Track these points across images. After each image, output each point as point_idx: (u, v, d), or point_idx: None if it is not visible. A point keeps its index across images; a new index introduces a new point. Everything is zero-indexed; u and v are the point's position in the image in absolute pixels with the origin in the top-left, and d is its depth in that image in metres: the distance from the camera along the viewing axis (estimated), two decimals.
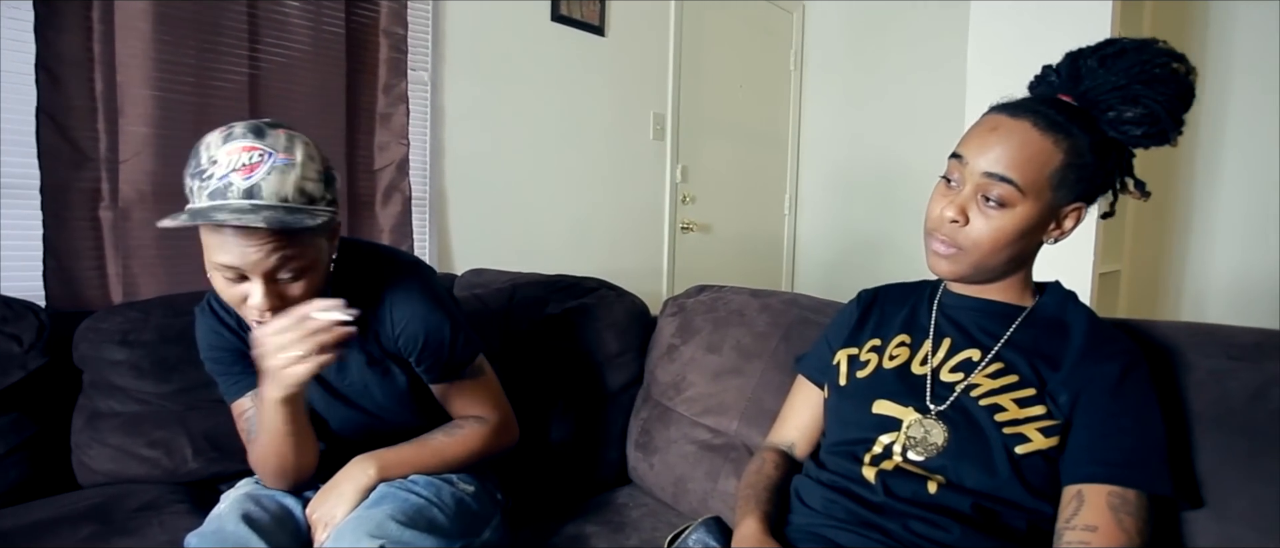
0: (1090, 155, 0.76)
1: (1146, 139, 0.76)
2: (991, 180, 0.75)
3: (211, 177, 0.79)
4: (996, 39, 1.97)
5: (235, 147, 0.80)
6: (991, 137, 0.76)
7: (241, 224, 0.76)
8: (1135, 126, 0.75)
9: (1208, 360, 0.82)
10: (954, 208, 0.78)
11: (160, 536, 1.05)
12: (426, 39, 2.02)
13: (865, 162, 3.15)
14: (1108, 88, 0.75)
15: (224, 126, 0.82)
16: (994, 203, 0.76)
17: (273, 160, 0.81)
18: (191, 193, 0.81)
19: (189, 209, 0.80)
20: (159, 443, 1.26)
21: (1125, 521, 0.68)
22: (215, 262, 0.82)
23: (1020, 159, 0.74)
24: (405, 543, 0.84)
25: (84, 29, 1.43)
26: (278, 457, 0.92)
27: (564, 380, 1.39)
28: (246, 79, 1.63)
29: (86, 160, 1.44)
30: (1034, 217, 0.76)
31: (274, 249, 0.81)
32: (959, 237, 0.78)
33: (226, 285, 0.84)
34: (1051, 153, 0.75)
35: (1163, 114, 0.74)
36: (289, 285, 0.85)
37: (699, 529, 0.87)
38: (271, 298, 0.83)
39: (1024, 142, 0.75)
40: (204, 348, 1.02)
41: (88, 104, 1.43)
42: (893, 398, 0.83)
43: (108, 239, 1.46)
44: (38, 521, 1.08)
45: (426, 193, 2.05)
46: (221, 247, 0.80)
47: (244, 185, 0.78)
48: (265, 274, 0.82)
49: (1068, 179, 0.76)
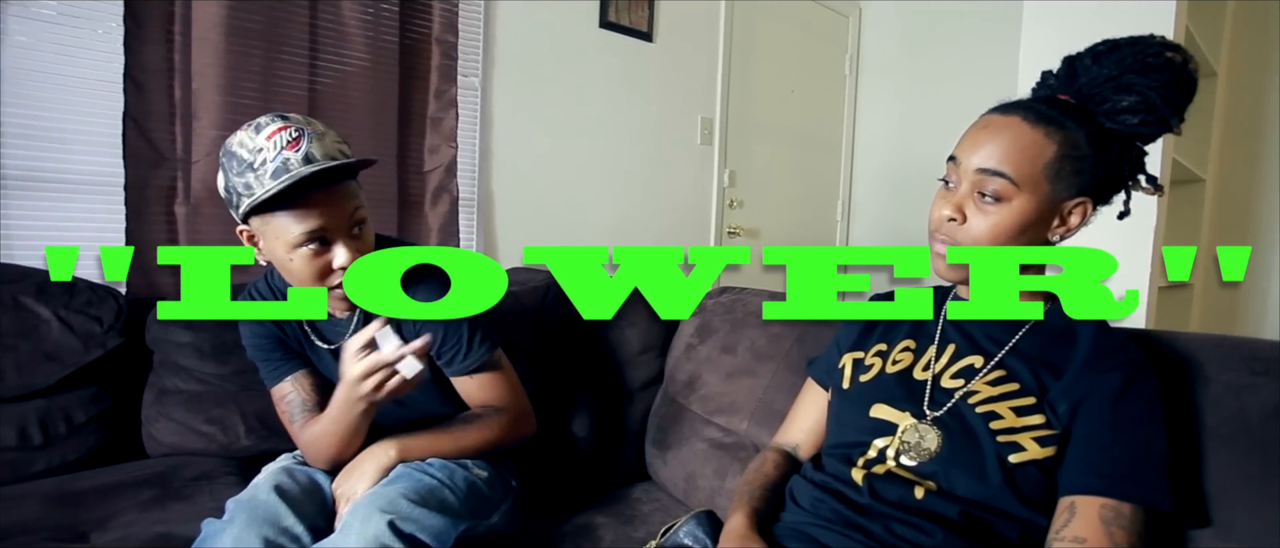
0: (1088, 147, 0.74)
1: (1145, 127, 0.75)
2: (985, 176, 0.75)
3: (265, 162, 0.87)
4: (1048, 41, 1.89)
5: (269, 132, 0.89)
6: (983, 134, 0.77)
7: (337, 165, 0.88)
8: (1132, 115, 0.74)
9: (1227, 374, 0.78)
10: (950, 206, 0.78)
11: (209, 502, 1.15)
12: (477, 46, 2.11)
13: (920, 167, 3.06)
14: (1100, 80, 0.75)
15: (242, 128, 0.91)
16: (990, 198, 0.75)
17: (309, 131, 0.90)
18: (248, 188, 0.89)
19: (273, 186, 0.87)
20: (216, 420, 1.37)
21: (1116, 534, 0.66)
22: (299, 233, 0.90)
23: (1012, 153, 0.74)
24: (415, 519, 0.90)
25: (166, 41, 1.58)
26: (339, 446, 1.00)
27: (588, 377, 1.43)
28: (307, 85, 1.75)
29: (164, 161, 1.59)
30: (1032, 211, 0.75)
31: (348, 200, 0.94)
32: (958, 235, 0.78)
33: (308, 261, 0.93)
34: (1044, 145, 0.74)
35: (1159, 101, 0.73)
36: (360, 241, 0.96)
37: (690, 522, 0.89)
38: (353, 252, 0.94)
39: (1015, 136, 0.75)
40: (246, 336, 1.11)
41: (166, 109, 1.58)
42: (891, 402, 0.83)
43: (180, 232, 1.60)
44: (108, 483, 1.20)
45: (474, 194, 2.14)
46: (305, 216, 0.90)
47: (299, 156, 0.88)
48: (346, 229, 0.93)
49: (1064, 171, 0.74)
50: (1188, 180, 2.29)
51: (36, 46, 1.47)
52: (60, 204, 1.52)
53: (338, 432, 0.98)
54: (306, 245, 0.91)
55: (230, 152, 0.91)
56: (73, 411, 1.31)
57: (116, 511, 1.11)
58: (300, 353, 1.11)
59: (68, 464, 1.29)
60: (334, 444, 1.00)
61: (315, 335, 1.10)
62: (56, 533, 1.03)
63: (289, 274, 0.97)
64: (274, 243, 0.93)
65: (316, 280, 0.95)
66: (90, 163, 1.54)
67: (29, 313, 1.30)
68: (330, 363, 1.10)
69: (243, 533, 0.88)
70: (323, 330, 1.10)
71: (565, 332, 1.46)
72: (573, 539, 1.10)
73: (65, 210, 1.53)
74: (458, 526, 0.94)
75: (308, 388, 1.09)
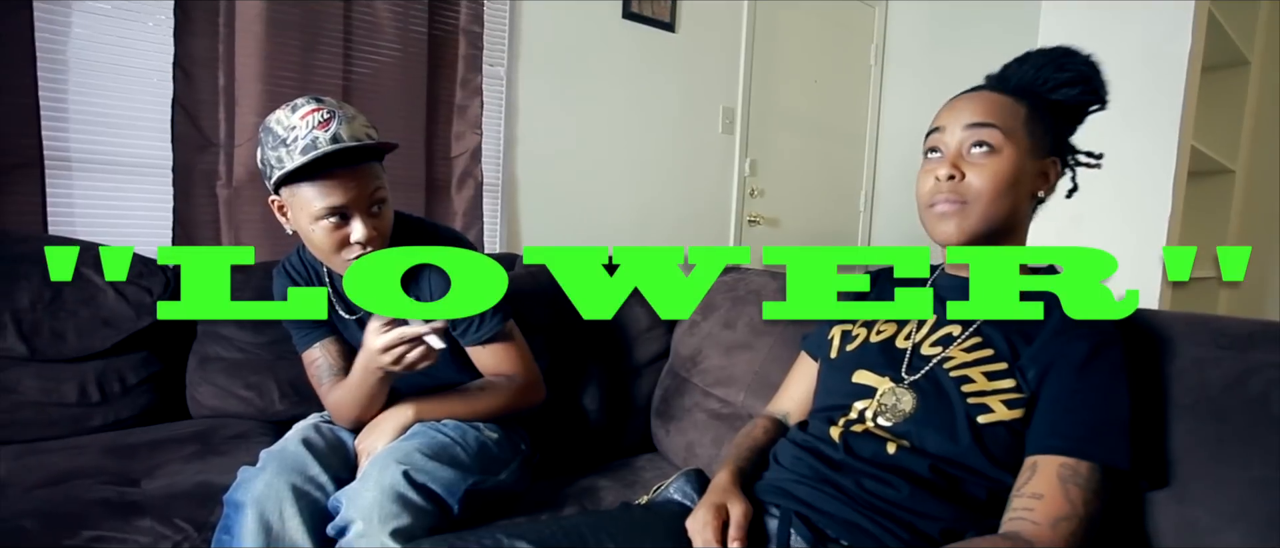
0: (1045, 113, 0.83)
1: (1084, 96, 0.84)
2: (976, 129, 0.81)
3: (297, 139, 0.96)
4: (1066, 33, 1.89)
5: (304, 112, 0.97)
6: (961, 101, 0.84)
7: (359, 144, 0.96)
8: (1071, 87, 0.83)
9: (1195, 349, 0.81)
10: (946, 166, 0.82)
11: (245, 458, 1.23)
12: (502, 36, 2.19)
13: None
14: (1032, 72, 0.85)
15: (283, 106, 1.00)
16: (985, 148, 0.80)
17: (340, 113, 0.99)
18: (279, 161, 0.98)
19: (300, 159, 0.95)
20: (253, 386, 1.48)
21: (1072, 491, 0.70)
22: (321, 208, 0.99)
23: (994, 110, 0.82)
24: (427, 471, 0.98)
25: (211, 33, 1.69)
26: (359, 409, 1.09)
27: (599, 353, 1.50)
28: (341, 75, 1.85)
29: (209, 145, 1.70)
30: (1020, 162, 0.80)
31: (370, 179, 1.01)
32: (961, 190, 0.81)
33: (328, 233, 1.01)
34: (1015, 106, 0.82)
35: (1091, 73, 0.83)
36: (378, 219, 1.04)
37: (680, 479, 0.95)
38: (370, 229, 1.01)
39: (992, 100, 0.83)
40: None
41: (211, 97, 1.69)
42: (872, 368, 0.88)
43: (222, 212, 1.72)
44: (156, 439, 1.32)
45: (499, 179, 2.23)
46: (328, 191, 0.98)
47: (328, 136, 0.96)
48: (365, 206, 1.01)
49: (1036, 130, 0.82)
50: (1216, 172, 2.25)
51: (96, 38, 1.59)
52: (116, 184, 1.65)
53: (358, 396, 1.07)
54: (327, 219, 1.00)
55: (267, 127, 1.00)
56: (125, 373, 1.43)
57: (164, 462, 1.22)
58: (328, 321, 1.20)
59: (121, 421, 1.41)
60: (355, 407, 1.09)
61: (340, 305, 1.19)
62: (113, 479, 1.14)
63: (310, 244, 1.05)
64: (299, 214, 1.02)
65: (335, 252, 1.04)
66: (142, 147, 1.66)
67: (89, 283, 1.42)
68: (355, 331, 1.19)
69: (273, 480, 0.97)
70: (348, 300, 1.19)
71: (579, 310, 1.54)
72: (576, 499, 1.17)
73: (120, 190, 1.65)
74: (466, 479, 1.01)
75: (335, 354, 1.18)
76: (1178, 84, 1.68)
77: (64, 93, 1.56)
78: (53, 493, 1.06)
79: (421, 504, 0.95)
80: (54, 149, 1.55)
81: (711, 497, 0.83)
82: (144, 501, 1.06)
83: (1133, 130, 1.74)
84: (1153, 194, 1.70)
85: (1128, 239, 1.72)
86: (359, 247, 1.02)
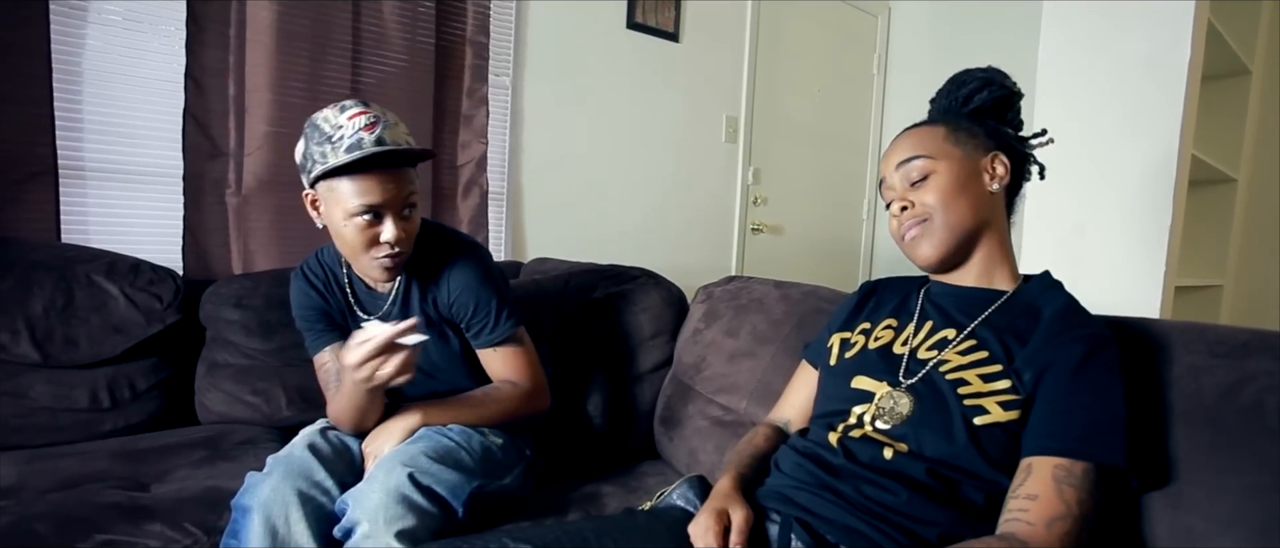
0: (967, 120, 0.93)
1: (996, 93, 0.94)
2: (907, 165, 0.91)
3: (342, 137, 1.00)
4: (1066, 42, 1.90)
5: (352, 113, 1.02)
6: (891, 150, 0.95)
7: (401, 149, 1.00)
8: (979, 93, 0.94)
9: (1190, 357, 0.82)
10: (898, 201, 0.92)
11: (253, 463, 1.26)
12: (508, 46, 2.21)
13: None
14: (943, 100, 0.98)
15: (330, 106, 1.04)
16: (919, 177, 0.89)
17: (384, 119, 1.03)
18: (323, 157, 1.01)
19: (345, 158, 0.98)
20: (260, 392, 1.50)
21: (1067, 492, 0.70)
22: (356, 205, 1.02)
23: (916, 142, 0.92)
24: (432, 474, 0.99)
25: (222, 43, 1.71)
26: (356, 419, 1.11)
27: (603, 359, 1.51)
28: (350, 84, 1.87)
29: (219, 154, 1.72)
30: (957, 169, 0.88)
31: (405, 183, 1.05)
32: (917, 212, 0.89)
33: (360, 230, 1.04)
34: (933, 130, 0.92)
35: (991, 75, 0.95)
36: (408, 222, 1.08)
37: (683, 485, 0.96)
38: (400, 230, 1.05)
39: (911, 137, 0.93)
40: (296, 306, 1.23)
41: (222, 106, 1.72)
42: (871, 374, 0.89)
43: (231, 220, 1.74)
44: (165, 444, 1.34)
45: (504, 188, 2.25)
46: (366, 190, 1.01)
47: (373, 138, 1.00)
48: (398, 208, 1.04)
49: (962, 138, 0.90)
50: (1218, 180, 2.26)
51: (110, 49, 1.62)
52: (128, 193, 1.67)
53: (348, 408, 1.09)
54: (361, 216, 1.03)
55: (314, 124, 1.03)
56: (136, 379, 1.45)
57: (173, 467, 1.24)
58: (342, 325, 1.22)
59: (131, 427, 1.43)
60: (350, 416, 1.10)
61: (358, 307, 1.21)
62: (123, 483, 1.16)
63: (340, 239, 1.08)
64: (333, 209, 1.04)
65: (363, 249, 1.07)
66: (154, 156, 1.68)
67: (100, 290, 1.44)
68: None
69: (279, 485, 0.99)
70: (365, 303, 1.21)
71: (583, 317, 1.55)
72: (579, 504, 1.18)
73: (132, 198, 1.67)
74: (470, 483, 1.03)
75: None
76: (1178, 93, 1.69)
77: (78, 103, 1.59)
78: (64, 497, 1.08)
79: (426, 507, 0.96)
80: (68, 158, 1.58)
81: (713, 503, 0.84)
82: (154, 505, 1.08)
83: (1133, 139, 1.75)
84: (1153, 203, 1.70)
85: (1129, 248, 1.73)
86: (387, 247, 1.06)
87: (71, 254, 1.46)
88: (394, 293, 1.19)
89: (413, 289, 1.19)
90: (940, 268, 0.92)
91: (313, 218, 1.11)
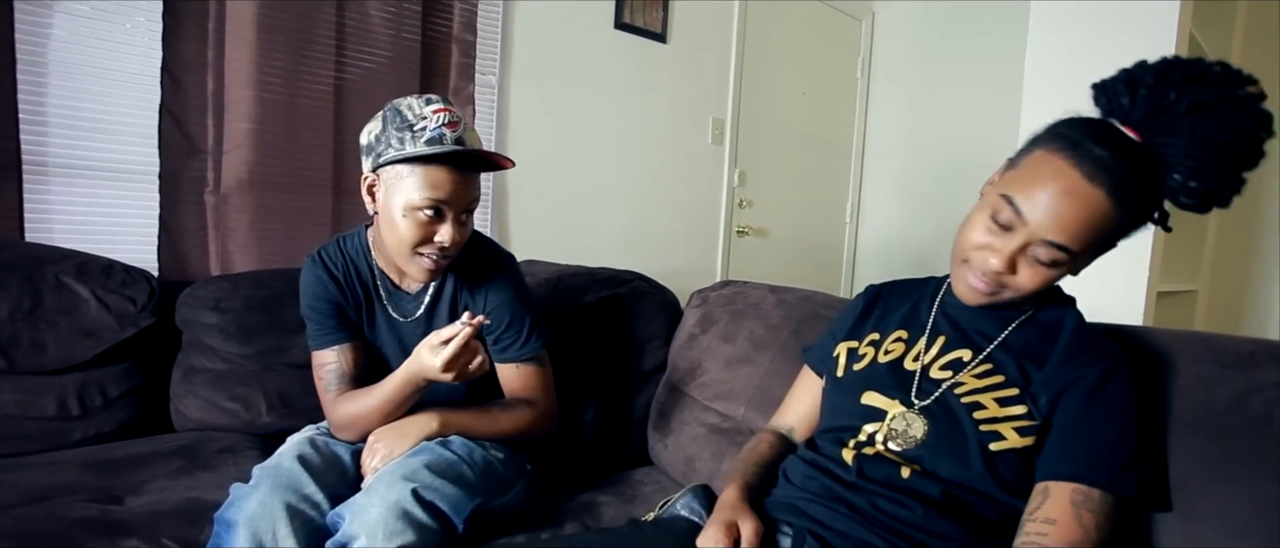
0: (1141, 217, 0.75)
1: (1196, 210, 0.74)
2: (1050, 247, 0.73)
3: (425, 128, 0.99)
4: (1054, 47, 1.93)
5: (437, 107, 1.01)
6: (1064, 203, 0.71)
7: (481, 151, 1.00)
8: (1191, 198, 0.72)
9: (1197, 367, 0.82)
10: (1001, 259, 0.75)
11: (234, 473, 1.21)
12: (495, 45, 2.17)
13: (931, 170, 3.11)
14: (1186, 151, 0.70)
15: (416, 95, 1.04)
16: (1046, 263, 0.75)
17: (464, 121, 1.02)
18: (401, 142, 0.99)
19: (425, 149, 0.98)
20: (239, 398, 1.44)
21: (1085, 517, 0.70)
22: (422, 199, 1.00)
23: (1085, 231, 0.72)
24: (435, 489, 0.96)
25: (201, 37, 1.65)
26: (383, 417, 1.08)
27: (596, 365, 1.49)
28: (333, 81, 1.82)
29: (197, 151, 1.66)
30: (1075, 264, 0.77)
31: (472, 187, 1.05)
32: (1003, 281, 0.77)
33: (417, 226, 1.02)
34: (1110, 218, 0.71)
35: (1226, 193, 0.71)
36: (464, 227, 1.06)
37: (687, 495, 0.94)
38: (456, 234, 1.04)
39: (1093, 215, 0.71)
40: (306, 295, 1.16)
41: (200, 102, 1.66)
42: (882, 390, 0.87)
43: (210, 220, 1.68)
44: (140, 453, 1.28)
45: (489, 189, 2.21)
46: (436, 185, 1.00)
47: (454, 136, 1.00)
48: (459, 211, 1.04)
49: (1112, 237, 0.76)
50: None
51: (78, 41, 1.55)
52: (100, 191, 1.60)
53: (389, 409, 1.07)
54: (424, 211, 1.01)
55: (397, 109, 1.02)
56: (107, 385, 1.39)
57: (148, 478, 1.18)
58: (354, 324, 1.17)
59: (102, 435, 1.37)
60: (378, 421, 1.08)
61: (391, 307, 1.17)
62: (94, 495, 1.10)
63: (391, 230, 1.04)
64: (394, 198, 1.02)
65: (413, 245, 1.04)
66: (127, 152, 1.62)
67: (70, 292, 1.37)
68: (387, 336, 1.17)
69: (267, 498, 0.94)
70: (399, 303, 1.17)
71: (575, 321, 1.52)
72: (576, 515, 1.16)
73: (104, 197, 1.61)
74: (473, 499, 1.00)
75: (351, 361, 1.15)
76: None
77: (43, 96, 1.52)
78: (32, 512, 1.02)
79: (427, 523, 0.93)
80: (32, 154, 1.51)
81: (721, 514, 0.82)
82: (129, 519, 1.03)
83: None
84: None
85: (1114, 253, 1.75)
86: (438, 248, 1.04)
87: (39, 254, 1.39)
88: (424, 294, 1.16)
89: (444, 293, 1.16)
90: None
91: (366, 203, 1.08)
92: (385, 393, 1.06)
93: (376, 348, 1.19)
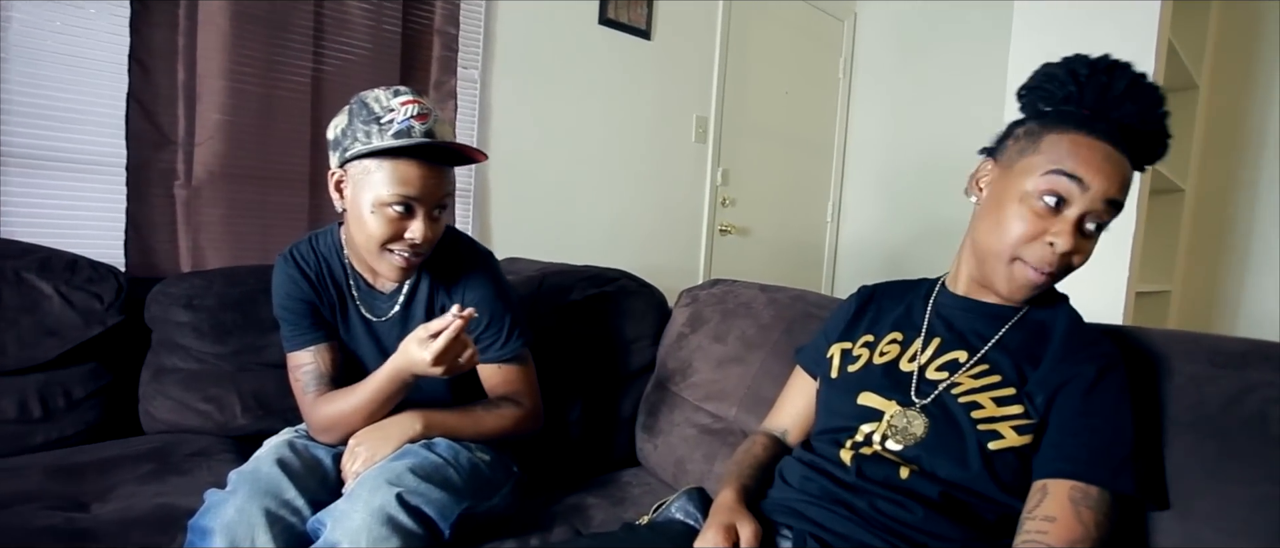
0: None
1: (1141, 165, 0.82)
2: (1109, 207, 0.76)
3: (392, 121, 0.95)
4: (1038, 48, 1.94)
5: (405, 99, 0.97)
6: (1109, 165, 0.75)
7: (451, 144, 0.97)
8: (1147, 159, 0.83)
9: (1191, 367, 0.82)
10: (1066, 237, 0.75)
11: (207, 477, 1.17)
12: (477, 38, 2.13)
13: (913, 170, 3.13)
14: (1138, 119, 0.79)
15: (383, 87, 0.99)
16: (1092, 231, 0.77)
17: (435, 112, 0.98)
18: (367, 136, 0.96)
19: (392, 142, 0.94)
20: (213, 399, 1.39)
21: (1084, 514, 0.70)
22: (391, 194, 0.96)
23: (1126, 188, 0.77)
24: (421, 493, 0.93)
25: (171, 24, 1.59)
26: (369, 420, 1.04)
27: (583, 364, 1.46)
28: (310, 72, 1.77)
29: (167, 143, 1.60)
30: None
31: (444, 181, 1.01)
32: (1069, 261, 0.78)
33: (387, 223, 0.99)
34: (1131, 176, 0.78)
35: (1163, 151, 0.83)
36: (436, 223, 1.03)
37: (681, 499, 0.92)
38: (428, 230, 1.00)
39: (1127, 172, 0.77)
40: (279, 295, 1.12)
41: (170, 92, 1.59)
42: (878, 391, 0.87)
43: (180, 214, 1.62)
44: (107, 457, 1.22)
45: (470, 184, 2.17)
46: (405, 179, 0.96)
47: (423, 128, 0.96)
48: (431, 206, 1.00)
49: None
50: (1168, 190, 2.35)
51: (40, 26, 1.48)
52: (63, 183, 1.53)
53: (373, 409, 1.03)
54: (393, 207, 0.97)
55: (362, 101, 0.98)
56: (72, 386, 1.33)
57: (116, 483, 1.13)
58: (330, 324, 1.13)
59: (66, 439, 1.31)
60: (361, 421, 1.04)
61: (364, 307, 1.13)
62: (58, 503, 1.05)
63: (360, 227, 1.01)
64: (363, 194, 0.98)
65: (383, 242, 1.00)
66: (93, 142, 1.55)
67: (31, 289, 1.31)
68: (362, 336, 1.13)
69: (245, 504, 0.91)
70: (373, 302, 1.13)
71: (559, 320, 1.50)
72: (565, 518, 1.13)
73: (67, 189, 1.54)
74: (460, 503, 0.97)
75: (327, 362, 1.11)
76: None
77: (0, 83, 1.45)
78: None
79: (412, 528, 0.90)
80: None
81: (719, 517, 0.81)
82: (96, 527, 0.98)
83: None
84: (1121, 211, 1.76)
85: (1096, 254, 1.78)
86: (410, 245, 1.01)
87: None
88: (399, 293, 1.12)
89: (419, 292, 1.13)
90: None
91: (334, 200, 1.04)
92: (369, 391, 1.02)
93: (351, 349, 1.15)
